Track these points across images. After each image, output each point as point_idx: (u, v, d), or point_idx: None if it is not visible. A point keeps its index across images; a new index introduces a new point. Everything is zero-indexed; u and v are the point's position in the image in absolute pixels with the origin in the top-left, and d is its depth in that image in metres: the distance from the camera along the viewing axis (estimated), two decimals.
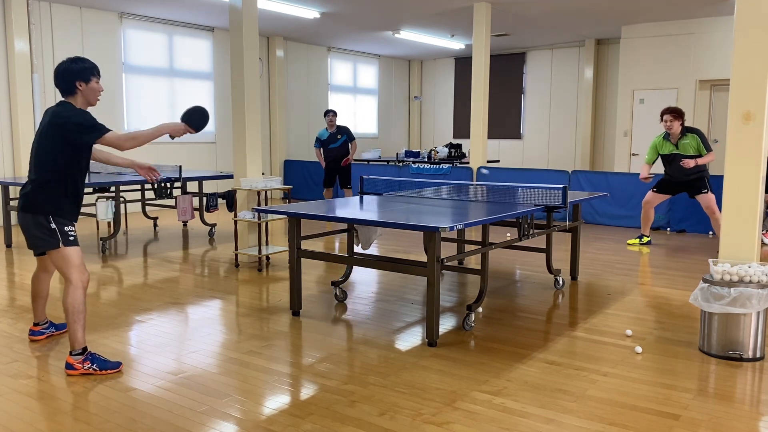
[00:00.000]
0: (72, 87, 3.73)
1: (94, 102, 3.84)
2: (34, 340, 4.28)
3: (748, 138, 4.03)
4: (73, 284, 3.71)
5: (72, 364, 3.69)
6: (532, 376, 3.65)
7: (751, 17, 3.97)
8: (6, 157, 9.45)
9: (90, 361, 3.70)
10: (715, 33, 10.82)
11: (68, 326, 3.72)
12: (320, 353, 4.06)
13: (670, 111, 7.32)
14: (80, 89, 3.74)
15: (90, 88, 3.77)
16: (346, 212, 4.80)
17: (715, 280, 3.93)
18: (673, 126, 7.29)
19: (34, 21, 9.50)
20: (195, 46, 11.80)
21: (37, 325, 4.32)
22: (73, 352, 3.71)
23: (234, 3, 6.75)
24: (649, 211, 7.87)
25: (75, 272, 3.72)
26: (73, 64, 3.75)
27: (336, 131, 10.30)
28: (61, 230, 3.71)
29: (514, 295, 5.55)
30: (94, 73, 3.79)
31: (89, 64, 3.79)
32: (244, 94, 6.79)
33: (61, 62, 3.77)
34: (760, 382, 3.64)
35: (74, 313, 3.70)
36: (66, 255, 3.72)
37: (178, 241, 8.22)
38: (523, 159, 14.90)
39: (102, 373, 3.68)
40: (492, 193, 5.94)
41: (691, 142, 7.27)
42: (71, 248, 3.74)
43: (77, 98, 3.76)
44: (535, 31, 12.44)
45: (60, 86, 3.76)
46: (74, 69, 3.73)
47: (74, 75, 3.72)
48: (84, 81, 3.74)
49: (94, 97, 3.81)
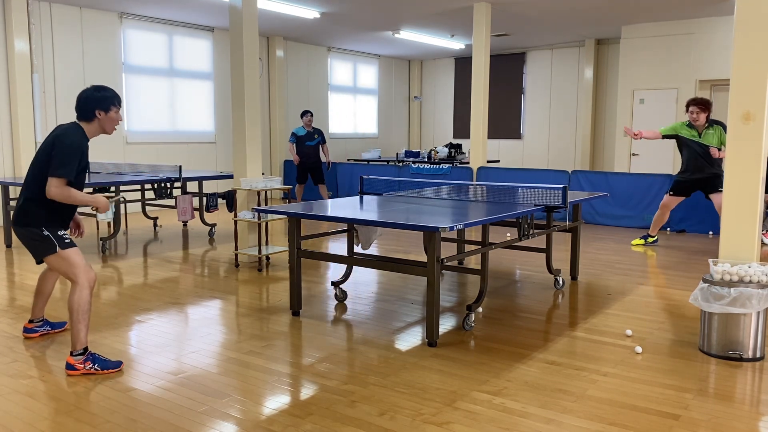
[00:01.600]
0: (91, 114, 3.77)
1: (110, 131, 3.89)
2: (28, 338, 4.30)
3: (748, 138, 4.03)
4: (80, 284, 3.71)
5: (73, 364, 3.69)
6: (532, 376, 3.65)
7: (751, 17, 3.96)
8: (6, 157, 9.45)
9: (91, 361, 3.70)
10: (715, 33, 10.82)
11: (72, 326, 3.72)
12: (320, 353, 4.06)
13: (696, 102, 7.13)
14: (99, 117, 3.79)
15: (108, 118, 3.82)
16: (346, 212, 4.80)
17: (715, 280, 3.93)
18: (699, 118, 7.11)
19: (34, 21, 9.50)
20: (195, 46, 11.79)
21: (31, 322, 4.34)
22: (74, 352, 3.71)
23: (234, 3, 6.75)
24: (665, 214, 7.70)
25: (80, 272, 3.73)
26: (96, 92, 3.80)
27: (312, 131, 10.66)
28: (54, 234, 3.73)
29: (514, 295, 5.55)
30: (114, 103, 3.83)
31: (111, 94, 3.83)
32: (244, 94, 6.78)
33: (85, 89, 3.82)
34: (760, 382, 3.64)
35: (79, 313, 3.70)
36: (66, 257, 3.73)
37: (178, 241, 8.22)
38: (523, 159, 14.90)
39: (103, 373, 3.69)
40: (492, 193, 5.94)
41: (716, 133, 7.11)
42: (69, 250, 3.74)
43: (93, 125, 3.80)
44: (535, 31, 12.44)
45: (79, 111, 3.79)
46: (97, 97, 3.78)
47: (96, 103, 3.77)
48: (104, 110, 3.79)
49: (111, 126, 3.86)
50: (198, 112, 11.96)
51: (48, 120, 9.75)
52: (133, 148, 10.69)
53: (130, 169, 8.55)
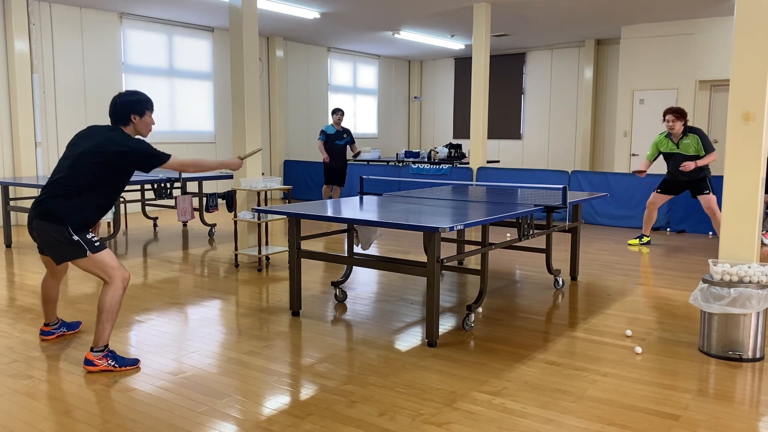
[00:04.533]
0: (127, 119, 3.83)
1: (146, 134, 3.95)
2: (45, 340, 4.29)
3: (748, 138, 4.03)
4: (114, 285, 3.73)
5: (92, 360, 3.71)
6: (531, 377, 3.65)
7: (751, 17, 3.96)
8: (6, 157, 9.44)
9: (110, 358, 3.72)
10: (715, 33, 10.82)
11: (99, 323, 3.72)
12: (320, 353, 4.06)
13: (672, 111, 7.32)
14: (134, 121, 3.85)
15: (143, 122, 3.88)
16: (346, 212, 4.80)
17: (714, 281, 3.93)
18: (675, 126, 7.29)
19: (34, 21, 9.50)
20: (195, 46, 11.80)
21: (47, 325, 4.33)
22: (95, 348, 3.73)
23: (234, 3, 6.75)
24: (653, 212, 7.88)
25: (116, 273, 3.74)
26: (131, 96, 3.88)
27: (342, 130, 10.37)
28: (84, 239, 3.69)
29: (514, 295, 5.55)
30: (148, 107, 3.90)
31: (144, 98, 3.90)
32: (244, 94, 6.79)
33: (119, 94, 3.89)
34: (759, 383, 3.64)
35: (109, 312, 3.71)
36: (98, 260, 3.72)
37: (178, 242, 8.22)
38: (523, 159, 14.90)
39: (121, 370, 3.72)
40: (492, 193, 5.94)
41: (692, 142, 7.28)
42: (101, 253, 3.73)
43: (128, 129, 3.85)
44: (535, 31, 12.44)
45: (115, 116, 3.84)
46: (131, 101, 3.85)
47: (131, 107, 3.83)
48: (138, 114, 3.85)
49: (146, 130, 3.92)
50: (198, 112, 11.96)
51: (48, 120, 9.75)
52: None
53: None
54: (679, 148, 7.36)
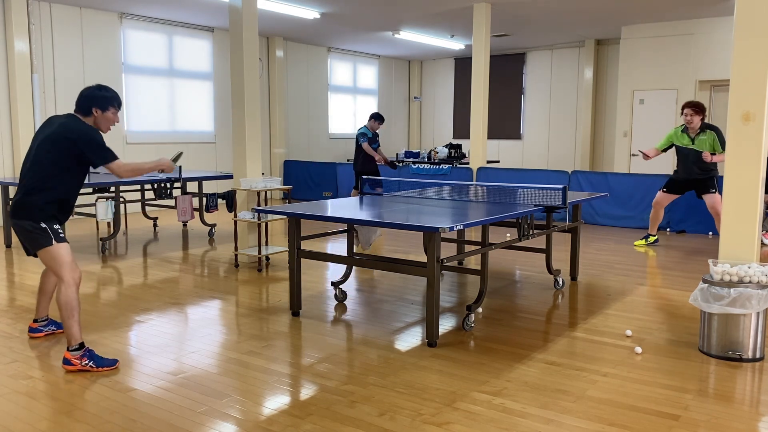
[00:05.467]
0: (88, 110, 3.90)
1: (105, 130, 3.99)
2: (33, 337, 4.31)
3: (748, 138, 4.03)
4: (65, 282, 3.77)
5: (69, 359, 3.74)
6: (531, 377, 3.65)
7: (751, 18, 3.96)
8: (6, 157, 9.44)
9: (87, 358, 3.74)
10: (715, 33, 10.82)
11: (63, 323, 3.79)
12: (320, 353, 4.06)
13: (691, 105, 7.23)
14: (95, 115, 3.91)
15: (104, 117, 3.94)
16: (346, 212, 4.80)
17: (714, 281, 3.93)
18: (693, 120, 7.19)
19: (34, 21, 9.50)
20: (195, 46, 11.79)
21: (36, 321, 4.35)
22: (71, 347, 3.76)
23: (234, 3, 6.75)
24: (659, 212, 7.79)
25: (66, 270, 3.78)
26: (98, 91, 3.95)
27: (375, 135, 10.22)
28: (51, 228, 3.80)
29: (514, 295, 5.55)
30: (113, 104, 3.96)
31: (111, 94, 3.97)
32: (244, 94, 6.78)
33: (89, 87, 3.97)
34: (759, 383, 3.64)
35: (68, 310, 3.76)
36: (56, 253, 3.78)
37: (178, 242, 8.22)
38: (523, 159, 14.89)
39: (98, 370, 3.72)
40: (492, 193, 5.94)
41: (708, 138, 7.19)
42: (62, 245, 3.81)
43: (89, 120, 3.91)
44: (535, 31, 12.44)
45: (78, 106, 3.92)
46: (97, 95, 3.92)
47: (94, 101, 3.90)
48: (101, 109, 3.91)
49: (105, 126, 3.97)
50: (198, 112, 11.95)
51: None
52: (132, 148, 10.68)
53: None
54: (695, 144, 7.25)
